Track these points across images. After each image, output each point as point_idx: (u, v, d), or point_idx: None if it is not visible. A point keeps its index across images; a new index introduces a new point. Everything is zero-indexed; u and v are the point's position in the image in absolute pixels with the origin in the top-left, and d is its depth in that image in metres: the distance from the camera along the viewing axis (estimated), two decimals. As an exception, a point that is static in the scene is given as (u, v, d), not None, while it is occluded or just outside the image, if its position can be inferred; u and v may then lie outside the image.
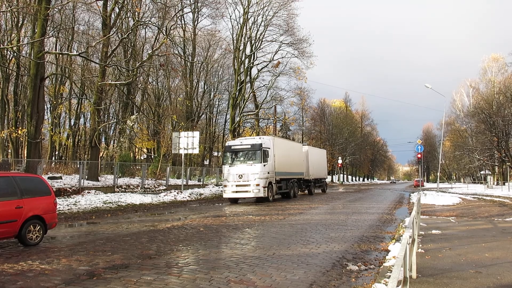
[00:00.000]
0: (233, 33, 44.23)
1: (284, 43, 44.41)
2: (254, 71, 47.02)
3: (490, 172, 65.74)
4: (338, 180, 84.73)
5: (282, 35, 44.19)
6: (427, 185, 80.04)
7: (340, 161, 76.82)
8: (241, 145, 24.63)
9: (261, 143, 24.10)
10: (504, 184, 52.40)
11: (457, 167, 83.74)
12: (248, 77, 45.43)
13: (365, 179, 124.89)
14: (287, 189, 27.70)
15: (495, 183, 60.56)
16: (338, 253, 9.34)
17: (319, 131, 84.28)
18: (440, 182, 51.63)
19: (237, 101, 43.62)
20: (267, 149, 24.45)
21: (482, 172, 72.84)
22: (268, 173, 24.14)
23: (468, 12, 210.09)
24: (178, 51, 41.99)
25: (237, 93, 43.65)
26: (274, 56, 45.14)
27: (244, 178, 23.62)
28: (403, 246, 4.59)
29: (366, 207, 22.53)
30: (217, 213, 17.84)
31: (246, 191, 23.56)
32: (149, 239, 10.91)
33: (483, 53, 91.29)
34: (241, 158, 24.20)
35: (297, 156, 30.48)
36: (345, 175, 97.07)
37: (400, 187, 70.03)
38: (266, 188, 23.68)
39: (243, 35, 43.54)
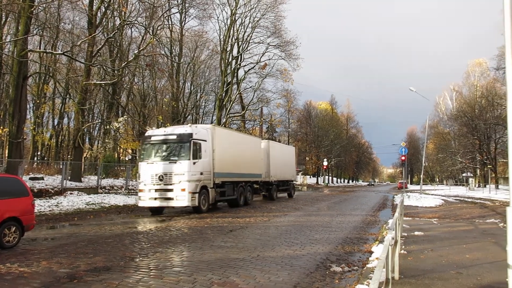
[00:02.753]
0: (220, 34, 44.18)
1: (271, 45, 44.49)
2: (241, 72, 47.03)
3: (472, 175, 66.76)
4: (323, 182, 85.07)
5: (269, 37, 44.28)
6: (410, 187, 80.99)
7: (325, 163, 77.17)
8: (164, 134, 18.67)
9: (191, 133, 18.21)
10: (485, 186, 53.27)
11: (440, 170, 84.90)
12: (235, 79, 45.38)
13: (350, 181, 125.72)
14: (234, 194, 21.76)
15: (477, 185, 61.55)
16: (322, 254, 9.35)
17: (305, 133, 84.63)
18: (423, 184, 52.21)
19: (224, 102, 43.53)
20: (201, 142, 18.63)
21: (464, 175, 73.92)
22: (202, 173, 18.39)
23: (455, 22, 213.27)
24: (165, 52, 41.72)
25: (223, 94, 43.55)
26: (261, 57, 45.20)
27: (166, 180, 17.67)
28: (386, 248, 4.60)
29: (351, 209, 22.66)
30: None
31: (168, 198, 17.62)
32: (132, 241, 10.78)
33: (468, 58, 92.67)
34: (164, 153, 18.27)
35: (252, 153, 24.90)
36: (330, 177, 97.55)
37: (384, 189, 70.65)
38: (198, 195, 17.87)
39: (230, 37, 43.50)
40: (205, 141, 19.00)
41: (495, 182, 53.34)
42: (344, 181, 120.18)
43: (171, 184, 17.60)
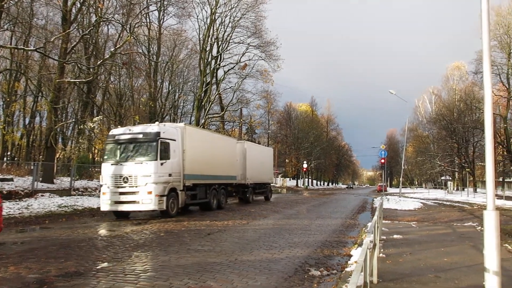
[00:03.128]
0: (199, 34, 44.00)
1: (252, 45, 44.52)
2: (220, 72, 46.90)
3: (450, 178, 68.10)
4: (303, 185, 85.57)
5: (250, 37, 44.30)
6: (390, 190, 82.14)
7: (305, 166, 77.60)
8: (129, 133, 17.73)
9: (158, 132, 17.37)
10: (463, 189, 54.33)
11: (419, 173, 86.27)
12: (214, 79, 45.24)
13: (330, 184, 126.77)
14: (207, 197, 21.07)
15: (455, 188, 62.85)
16: (301, 258, 9.38)
17: (285, 135, 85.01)
18: (402, 187, 53.00)
19: (203, 103, 43.34)
20: (170, 141, 17.90)
21: (442, 178, 75.34)
22: (170, 175, 17.66)
23: (436, 25, 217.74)
24: (142, 50, 41.32)
25: (202, 95, 43.36)
26: (241, 58, 45.17)
27: (131, 183, 16.81)
28: (364, 251, 4.64)
29: (330, 212, 22.84)
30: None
31: (134, 202, 16.72)
32: (106, 245, 10.61)
33: (448, 62, 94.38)
34: (129, 154, 17.37)
35: (226, 154, 24.32)
36: (310, 180, 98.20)
37: (363, 192, 71.51)
38: (166, 198, 17.14)
39: (210, 36, 43.36)
40: (174, 140, 18.21)
41: (473, 186, 54.42)
42: (324, 184, 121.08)
43: (136, 187, 16.72)
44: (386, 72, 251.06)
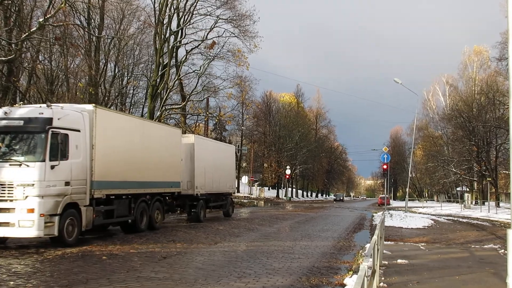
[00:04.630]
0: (154, 2, 43.65)
1: (222, 18, 44.37)
2: (181, 52, 46.58)
3: (468, 189, 69.01)
4: (285, 196, 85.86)
5: (219, 8, 44.13)
6: (393, 203, 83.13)
7: (288, 172, 77.79)
8: (4, 119, 14.80)
9: (50, 118, 14.54)
10: (483, 203, 55.06)
11: (430, 182, 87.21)
12: (174, 60, 44.94)
13: (319, 195, 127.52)
14: (131, 214, 18.66)
15: (474, 202, 63.70)
16: (282, 288, 9.44)
17: (263, 132, 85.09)
18: (409, 200, 53.77)
19: (158, 90, 43.01)
20: (70, 133, 15.08)
21: (458, 189, 76.32)
22: (68, 183, 14.84)
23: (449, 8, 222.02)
24: (81, 22, 40.69)
25: (158, 80, 43.03)
26: (208, 34, 44.95)
27: (2, 194, 13.91)
28: (360, 280, 4.71)
29: (319, 230, 23.01)
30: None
31: (6, 224, 13.71)
32: (33, 272, 10.44)
33: (465, 44, 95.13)
34: (1, 150, 14.59)
35: (165, 152, 22.03)
36: (294, 190, 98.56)
37: (361, 206, 72.34)
38: (58, 218, 14.14)
39: (169, 5, 43.06)
40: (78, 131, 15.47)
41: (496, 199, 55.12)
42: (311, 195, 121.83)
43: (10, 201, 13.77)
44: (392, 61, 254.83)
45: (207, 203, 27.38)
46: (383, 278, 10.09)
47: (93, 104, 17.21)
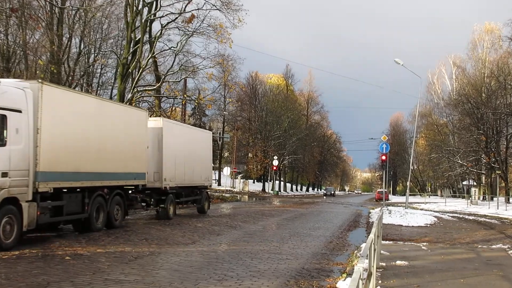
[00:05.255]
0: (126, -32, 43.24)
1: (202, -12, 44.15)
2: (156, 26, 46.27)
3: (475, 183, 69.53)
4: (273, 190, 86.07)
5: (199, -25, 43.89)
6: (393, 198, 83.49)
7: (275, 163, 77.89)
8: None
9: None
10: (492, 199, 55.62)
11: (433, 175, 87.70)
12: (147, 35, 44.62)
13: (310, 189, 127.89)
14: (85, 211, 17.79)
15: (481, 197, 64.28)
16: (267, 293, 9.49)
17: (248, 118, 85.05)
18: (410, 194, 54.08)
19: (130, 70, 42.72)
20: (9, 113, 14.15)
21: (465, 183, 76.86)
22: (5, 175, 13.87)
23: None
24: (41, -10, 40.27)
25: (129, 58, 42.72)
26: (186, 6, 44.63)
27: None
28: (355, 282, 4.74)
29: (310, 228, 23.12)
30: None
31: None
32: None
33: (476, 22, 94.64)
34: None
35: (127, 137, 21.08)
36: (282, 183, 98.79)
37: (356, 201, 72.77)
38: None
39: (141, -28, 42.70)
40: (19, 111, 14.53)
41: (505, 194, 55.62)
42: (302, 189, 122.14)
43: None
44: (393, 41, 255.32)
45: (178, 198, 26.47)
46: (380, 281, 10.18)
47: (39, 80, 16.25)
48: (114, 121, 20.07)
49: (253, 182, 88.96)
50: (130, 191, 21.79)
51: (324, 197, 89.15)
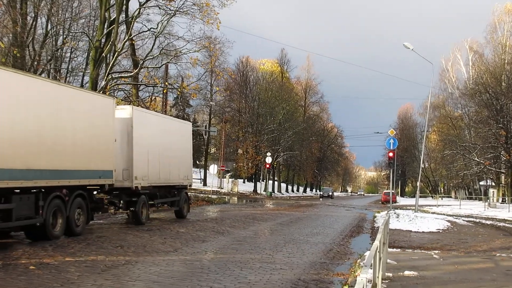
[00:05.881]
0: None
1: (186, -39, 44.05)
2: (133, 4, 46.18)
3: (493, 183, 69.70)
4: (265, 191, 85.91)
5: None
6: (401, 200, 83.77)
7: (268, 160, 77.76)
8: None
9: None
10: (512, 201, 55.89)
11: (447, 175, 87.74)
12: (123, 15, 44.50)
13: (308, 190, 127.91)
14: (38, 216, 16.91)
15: (500, 199, 64.48)
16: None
17: (238, 109, 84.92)
18: (420, 196, 54.27)
19: (103, 54, 42.59)
20: None
21: (482, 183, 77.14)
22: None
23: None
24: (2, -38, 40.06)
25: (103, 40, 42.55)
26: (168, -19, 44.64)
27: None
28: (358, 296, 4.74)
29: (307, 234, 23.14)
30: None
31: None
32: None
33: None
34: None
35: (89, 129, 20.37)
36: (276, 183, 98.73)
37: (360, 203, 72.87)
38: None
39: None
40: None
41: (527, 196, 55.92)
42: (298, 190, 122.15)
43: None
44: (401, 24, 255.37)
45: (152, 199, 25.67)
46: (386, 294, 10.21)
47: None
48: (75, 110, 19.25)
49: (244, 182, 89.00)
50: (95, 192, 21.14)
51: (321, 199, 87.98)
